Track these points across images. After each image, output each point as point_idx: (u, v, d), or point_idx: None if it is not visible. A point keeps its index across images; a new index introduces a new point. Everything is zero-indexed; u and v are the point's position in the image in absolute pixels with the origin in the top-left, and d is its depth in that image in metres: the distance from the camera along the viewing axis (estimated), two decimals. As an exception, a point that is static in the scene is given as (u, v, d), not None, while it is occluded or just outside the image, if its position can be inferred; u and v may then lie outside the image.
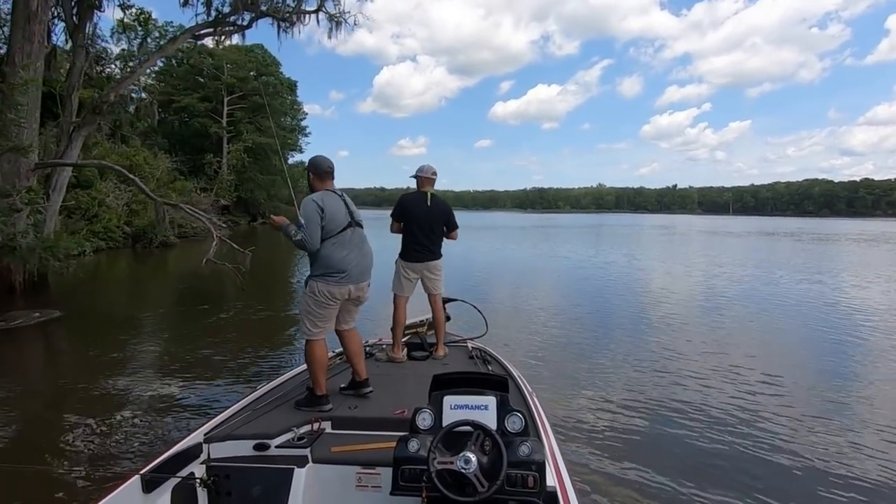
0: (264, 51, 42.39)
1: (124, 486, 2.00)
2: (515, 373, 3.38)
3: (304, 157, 59.90)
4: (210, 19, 11.69)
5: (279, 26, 12.59)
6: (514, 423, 1.89)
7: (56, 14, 11.25)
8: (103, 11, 11.30)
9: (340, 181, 3.20)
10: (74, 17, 10.92)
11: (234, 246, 9.19)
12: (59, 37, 12.41)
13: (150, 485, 2.06)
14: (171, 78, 39.58)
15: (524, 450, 1.74)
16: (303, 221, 2.83)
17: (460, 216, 4.33)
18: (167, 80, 39.17)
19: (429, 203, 3.96)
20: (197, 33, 11.86)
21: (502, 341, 6.37)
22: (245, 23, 12.26)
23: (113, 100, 10.12)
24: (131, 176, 9.44)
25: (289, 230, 2.86)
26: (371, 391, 3.04)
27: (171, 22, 28.39)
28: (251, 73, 41.68)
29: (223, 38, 12.38)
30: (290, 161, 49.89)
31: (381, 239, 4.58)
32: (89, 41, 11.75)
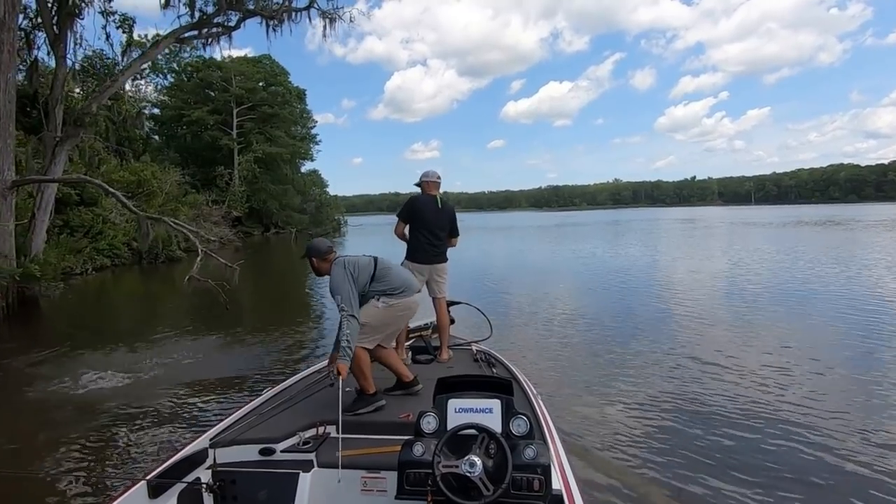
0: (272, 61, 42.46)
1: (130, 492, 1.99)
2: (520, 376, 3.34)
3: (316, 166, 59.90)
4: (194, 21, 11.15)
5: (268, 25, 11.99)
6: (519, 427, 1.85)
7: (36, 24, 10.82)
8: (83, 18, 10.83)
9: (355, 188, 2.64)
10: (55, 27, 10.47)
11: (221, 260, 8.60)
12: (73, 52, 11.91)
13: (156, 490, 2.06)
14: (181, 92, 39.83)
15: (529, 453, 1.73)
16: (339, 299, 2.78)
17: (475, 217, 3.88)
18: (177, 95, 39.47)
19: (440, 206, 4.01)
20: (181, 36, 11.29)
21: (508, 344, 6.18)
22: (232, 23, 11.72)
23: (95, 111, 9.61)
24: (112, 191, 8.93)
25: (343, 330, 2.75)
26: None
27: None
28: (260, 84, 41.70)
29: (210, 40, 11.77)
30: (303, 170, 49.98)
31: (388, 246, 4.49)
32: (98, 63, 11.28)
